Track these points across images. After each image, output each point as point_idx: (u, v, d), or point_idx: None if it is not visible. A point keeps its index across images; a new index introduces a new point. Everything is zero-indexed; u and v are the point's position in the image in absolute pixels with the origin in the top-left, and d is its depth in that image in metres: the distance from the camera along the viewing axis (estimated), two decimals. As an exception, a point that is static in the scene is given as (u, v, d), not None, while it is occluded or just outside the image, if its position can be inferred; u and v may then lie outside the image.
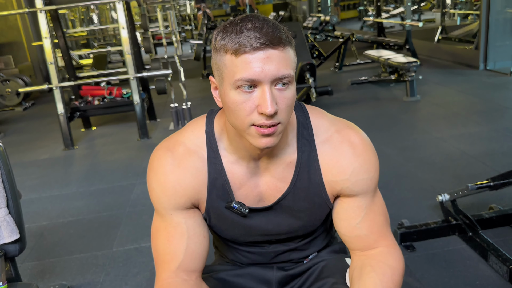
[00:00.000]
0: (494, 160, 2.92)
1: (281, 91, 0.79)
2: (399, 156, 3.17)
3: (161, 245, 0.96)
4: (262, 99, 0.77)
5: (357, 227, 0.96)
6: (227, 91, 0.80)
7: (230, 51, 0.77)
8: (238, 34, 0.76)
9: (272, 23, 0.78)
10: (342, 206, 0.97)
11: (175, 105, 4.48)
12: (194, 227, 0.96)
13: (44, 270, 2.21)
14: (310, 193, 0.95)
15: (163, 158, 0.93)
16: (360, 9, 12.18)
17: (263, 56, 0.76)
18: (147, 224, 2.53)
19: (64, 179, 3.43)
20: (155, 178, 0.94)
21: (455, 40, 6.86)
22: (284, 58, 0.77)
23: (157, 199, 0.94)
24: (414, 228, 2.10)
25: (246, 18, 0.79)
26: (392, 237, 1.00)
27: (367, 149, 0.94)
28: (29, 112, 6.11)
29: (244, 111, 0.79)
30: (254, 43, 0.75)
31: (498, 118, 3.82)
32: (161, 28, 5.21)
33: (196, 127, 0.96)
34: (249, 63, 0.76)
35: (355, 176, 0.92)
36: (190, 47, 11.21)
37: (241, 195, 0.95)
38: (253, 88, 0.78)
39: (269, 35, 0.76)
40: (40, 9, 3.95)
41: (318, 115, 0.97)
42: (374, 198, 0.97)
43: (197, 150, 0.94)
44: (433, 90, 4.96)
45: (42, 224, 2.69)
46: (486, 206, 2.27)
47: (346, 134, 0.94)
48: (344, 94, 5.17)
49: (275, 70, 0.76)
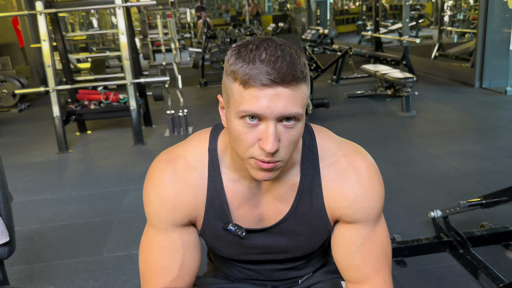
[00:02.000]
0: (487, 178, 2.93)
1: (287, 128, 0.75)
2: (393, 171, 3.18)
3: (153, 259, 0.93)
4: (264, 135, 0.74)
5: (351, 255, 0.93)
6: (232, 118, 0.77)
7: (239, 80, 0.73)
8: (249, 64, 0.72)
9: (289, 55, 0.73)
10: (340, 232, 0.94)
11: (172, 112, 4.48)
12: (189, 244, 0.94)
13: (32, 274, 2.18)
14: (311, 217, 0.93)
15: (164, 172, 0.91)
16: (359, 24, 12.28)
17: (272, 93, 0.72)
18: (139, 231, 2.51)
19: (57, 182, 3.41)
20: (154, 191, 0.91)
21: (451, 58, 6.92)
22: (294, 97, 0.73)
23: (155, 213, 0.92)
24: (406, 243, 2.10)
25: (262, 44, 0.74)
26: (388, 275, 0.95)
27: (372, 177, 0.91)
28: (24, 114, 6.09)
29: (246, 142, 0.76)
30: (263, 79, 0.71)
31: (492, 136, 3.85)
32: (160, 35, 5.23)
33: (199, 143, 0.93)
34: (256, 97, 0.72)
35: (356, 204, 0.90)
36: (189, 54, 11.25)
37: (240, 215, 0.93)
38: (257, 121, 0.74)
39: (281, 71, 0.71)
40: (40, 12, 3.96)
41: (325, 138, 0.93)
42: (374, 228, 0.93)
43: (198, 166, 0.91)
44: (429, 106, 4.99)
45: (33, 227, 2.67)
46: (477, 223, 2.28)
47: (352, 159, 0.91)
48: (340, 107, 5.19)
49: (282, 108, 0.72)
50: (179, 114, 4.52)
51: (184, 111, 4.53)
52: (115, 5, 4.07)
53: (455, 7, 8.57)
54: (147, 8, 9.21)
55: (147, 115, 4.90)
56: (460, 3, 8.60)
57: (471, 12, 8.12)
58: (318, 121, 4.50)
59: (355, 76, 6.85)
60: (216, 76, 7.54)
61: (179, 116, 4.49)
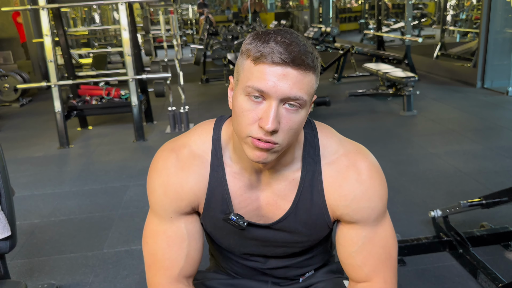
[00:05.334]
0: (488, 178, 2.93)
1: (289, 112, 0.77)
2: (393, 170, 3.18)
3: (159, 250, 0.93)
4: (265, 113, 0.76)
5: (352, 255, 0.93)
6: (238, 94, 0.80)
7: (252, 57, 0.77)
8: (264, 43, 0.76)
9: (303, 44, 0.76)
10: (342, 231, 0.95)
11: (173, 108, 4.48)
12: (193, 233, 0.95)
13: (33, 268, 2.19)
14: (312, 214, 0.93)
15: (168, 160, 0.92)
16: (361, 22, 12.26)
17: (280, 72, 0.74)
18: (139, 227, 2.52)
19: (58, 177, 3.42)
20: (159, 179, 0.92)
21: (453, 57, 6.92)
22: (301, 81, 0.75)
23: (159, 201, 0.92)
24: (406, 242, 2.11)
25: (280, 31, 0.78)
26: (389, 275, 0.94)
27: (373, 177, 0.91)
28: (26, 108, 6.09)
29: (247, 119, 0.78)
30: (275, 57, 0.74)
31: (493, 136, 3.85)
32: (162, 31, 5.23)
33: (203, 132, 0.94)
34: (264, 74, 0.75)
35: (356, 203, 0.90)
36: (190, 51, 11.24)
37: (240, 207, 0.93)
38: (261, 99, 0.77)
39: (293, 54, 0.74)
40: (43, 7, 3.96)
41: (327, 135, 0.94)
42: (376, 228, 0.92)
43: (202, 155, 0.92)
44: (430, 105, 4.99)
45: (34, 222, 2.67)
46: (477, 223, 2.28)
47: (353, 158, 0.91)
48: (341, 106, 5.19)
49: (287, 89, 0.75)
50: (180, 110, 4.52)
51: (186, 107, 4.53)
52: (118, 0, 4.07)
53: (457, 7, 8.56)
54: (149, 4, 9.19)
55: (149, 111, 4.90)
56: (463, 2, 8.59)
57: (473, 11, 8.12)
58: (319, 119, 4.49)
59: (356, 74, 6.85)
60: (218, 73, 7.53)
61: (180, 113, 4.49)
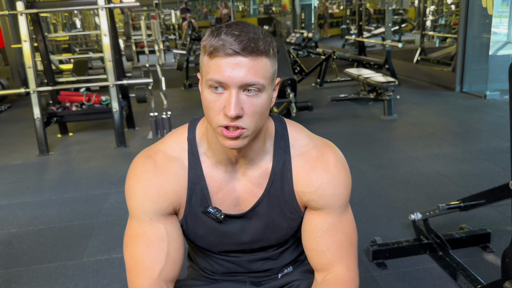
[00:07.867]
0: (466, 181, 2.98)
1: (249, 97, 0.82)
2: (374, 173, 3.21)
3: (139, 251, 0.94)
4: (227, 102, 0.81)
5: (316, 240, 0.98)
6: (203, 88, 0.85)
7: (207, 52, 0.82)
8: (216, 37, 0.81)
9: (253, 32, 0.81)
10: (308, 217, 1.00)
11: (155, 114, 4.45)
12: (173, 233, 0.97)
13: (10, 279, 2.14)
14: (282, 200, 0.99)
15: (145, 165, 0.96)
16: (343, 28, 12.39)
17: (233, 62, 0.80)
18: (120, 235, 2.49)
19: (37, 185, 3.36)
20: (138, 182, 0.95)
21: (433, 62, 7.03)
22: (254, 67, 0.80)
23: (139, 204, 0.94)
24: (387, 246, 2.13)
25: (232, 24, 0.83)
26: (351, 262, 0.99)
27: (339, 167, 0.98)
28: (4, 115, 5.98)
29: (214, 110, 0.83)
30: (226, 49, 0.79)
31: (471, 139, 3.92)
32: (144, 37, 5.20)
33: (178, 135, 1.00)
34: (219, 66, 0.80)
35: (321, 190, 0.96)
36: (173, 56, 11.18)
37: (219, 200, 0.98)
38: (222, 89, 0.82)
39: (242, 43, 0.79)
40: (21, 12, 3.90)
41: (296, 129, 1.02)
42: (341, 216, 0.99)
43: (178, 157, 0.97)
44: (410, 110, 5.06)
45: (11, 231, 2.62)
46: (457, 226, 2.32)
47: (322, 151, 0.98)
48: (323, 110, 5.23)
49: (242, 76, 0.80)
50: (162, 116, 4.49)
51: (168, 113, 4.50)
52: (98, 6, 4.04)
53: (436, 12, 8.71)
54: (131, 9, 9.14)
55: (130, 117, 4.86)
56: (442, 8, 8.75)
57: (452, 17, 8.26)
58: (302, 123, 4.49)
59: (338, 79, 6.91)
60: (201, 78, 7.51)
61: (162, 118, 4.46)
